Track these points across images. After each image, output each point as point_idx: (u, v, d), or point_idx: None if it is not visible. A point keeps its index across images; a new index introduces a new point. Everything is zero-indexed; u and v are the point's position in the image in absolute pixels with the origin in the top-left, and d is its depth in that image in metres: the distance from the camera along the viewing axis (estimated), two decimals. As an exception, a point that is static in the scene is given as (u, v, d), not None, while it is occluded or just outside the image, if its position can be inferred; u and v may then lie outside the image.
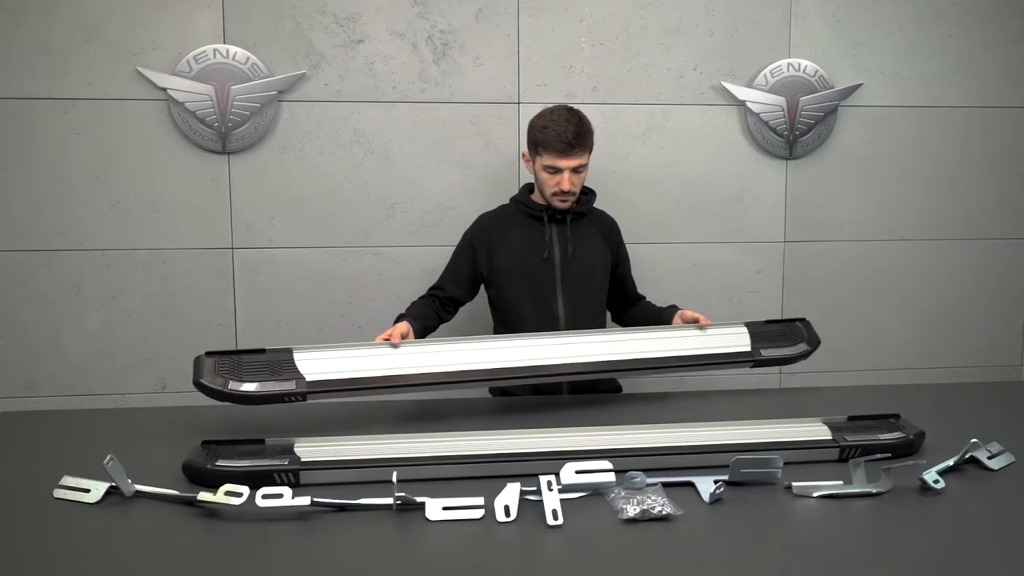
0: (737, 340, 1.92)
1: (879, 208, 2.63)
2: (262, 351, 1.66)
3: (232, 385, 1.59)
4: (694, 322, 1.94)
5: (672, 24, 2.46)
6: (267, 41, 2.32)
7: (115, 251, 2.34)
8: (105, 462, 1.31)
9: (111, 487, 1.36)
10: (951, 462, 1.45)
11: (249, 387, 1.60)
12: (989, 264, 2.68)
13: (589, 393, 2.10)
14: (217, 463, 1.41)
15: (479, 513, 1.29)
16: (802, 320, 2.01)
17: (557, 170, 1.97)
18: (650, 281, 2.53)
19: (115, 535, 1.26)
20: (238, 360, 1.63)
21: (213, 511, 1.31)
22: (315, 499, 1.29)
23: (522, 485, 1.34)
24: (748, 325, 1.94)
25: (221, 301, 2.40)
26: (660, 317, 2.07)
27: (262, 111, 2.32)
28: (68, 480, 1.38)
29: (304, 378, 1.63)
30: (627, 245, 2.25)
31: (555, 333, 1.95)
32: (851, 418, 1.63)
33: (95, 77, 2.27)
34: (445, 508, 1.29)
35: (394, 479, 1.27)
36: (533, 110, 2.30)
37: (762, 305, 2.60)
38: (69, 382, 2.36)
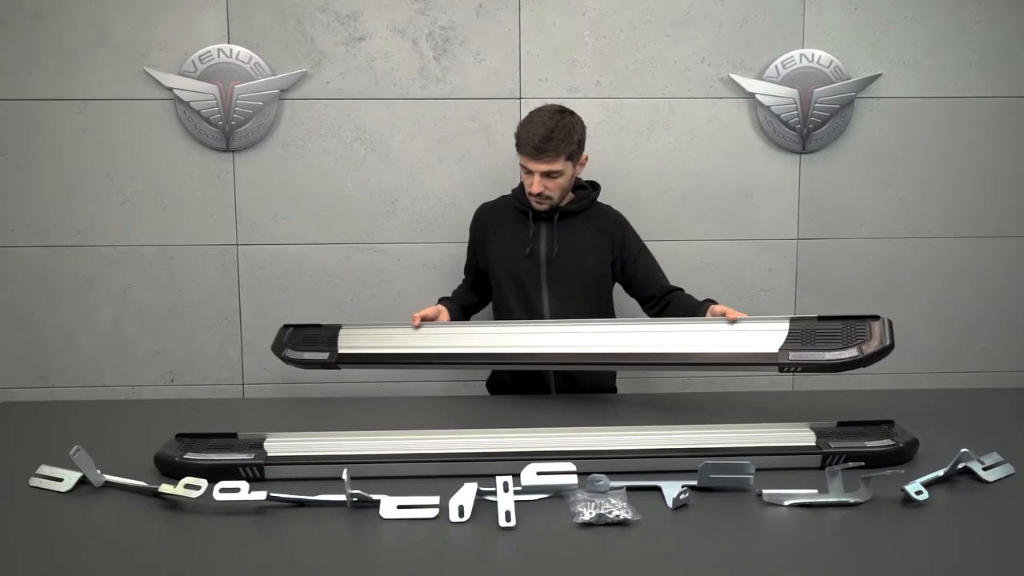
0: (767, 339, 1.66)
1: (900, 204, 2.51)
2: (319, 326, 2.00)
3: (288, 352, 1.94)
4: (723, 316, 1.77)
5: (679, 15, 2.40)
6: (269, 40, 2.34)
7: (125, 247, 2.40)
8: (72, 452, 1.34)
9: (83, 477, 1.39)
10: (941, 472, 1.38)
11: (297, 355, 1.93)
12: (1021, 263, 2.53)
13: (581, 392, 2.07)
14: (185, 456, 1.43)
15: (433, 512, 1.27)
16: (875, 317, 1.65)
17: (529, 171, 1.94)
18: (656, 279, 2.47)
19: (80, 523, 1.29)
20: (301, 332, 1.99)
21: (176, 503, 1.33)
22: (271, 494, 1.30)
23: (484, 485, 1.32)
24: (792, 321, 1.69)
25: (226, 296, 2.45)
26: (693, 313, 1.92)
27: (264, 109, 2.35)
28: (44, 469, 1.42)
29: (337, 351, 1.91)
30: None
31: (561, 321, 1.93)
32: (841, 423, 1.56)
33: (105, 78, 2.33)
34: (400, 507, 1.28)
35: (344, 476, 1.27)
36: (535, 106, 2.27)
37: (774, 304, 2.51)
38: (82, 374, 2.44)
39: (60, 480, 1.39)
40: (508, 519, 1.23)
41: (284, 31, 2.35)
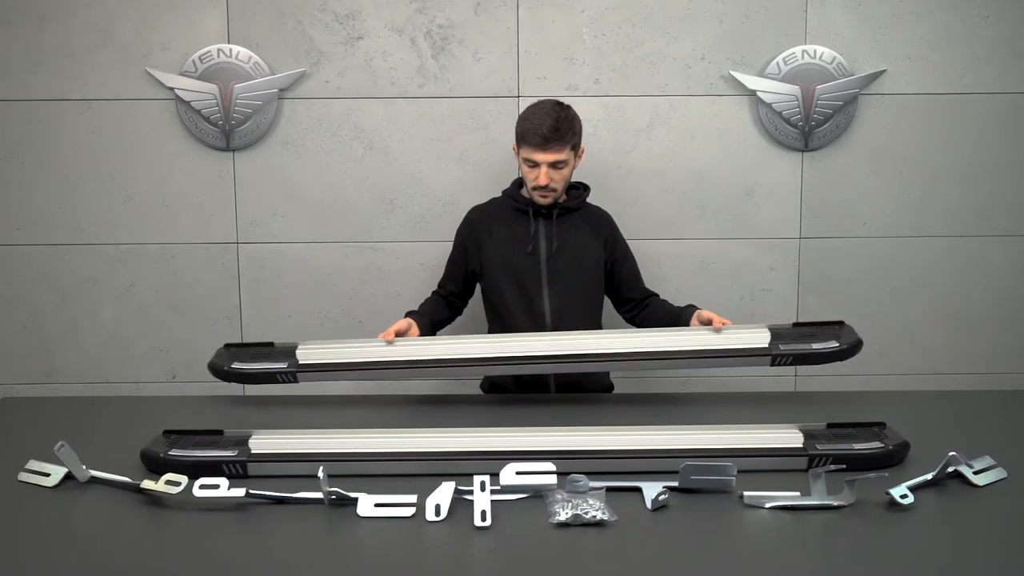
0: (754, 338, 1.79)
1: (906, 202, 2.46)
2: (271, 344, 1.86)
3: (234, 365, 1.81)
4: (708, 323, 1.82)
5: (679, 12, 2.38)
6: (269, 40, 2.36)
7: (127, 246, 2.43)
8: (56, 448, 1.36)
9: (70, 472, 1.41)
10: (929, 476, 1.35)
11: (246, 366, 1.80)
12: (1030, 263, 2.48)
13: (580, 391, 2.06)
14: (170, 452, 1.45)
15: (410, 511, 1.27)
16: (839, 323, 1.85)
17: (535, 164, 1.94)
18: (656, 279, 2.43)
19: (62, 518, 1.31)
20: (248, 350, 1.86)
21: (158, 499, 1.34)
22: (250, 491, 1.31)
23: (463, 485, 1.32)
24: (772, 328, 1.81)
25: (227, 294, 2.47)
26: (677, 319, 1.96)
27: (264, 108, 2.36)
28: (32, 464, 1.44)
29: (296, 360, 1.80)
30: (632, 241, 2.18)
31: (546, 334, 1.94)
32: (831, 425, 1.54)
33: (108, 79, 2.36)
34: (377, 505, 1.29)
35: (320, 474, 1.27)
36: (533, 104, 2.27)
37: (776, 304, 2.48)
38: (85, 370, 2.47)
39: (47, 475, 1.41)
40: (484, 519, 1.23)
41: (283, 31, 2.36)
